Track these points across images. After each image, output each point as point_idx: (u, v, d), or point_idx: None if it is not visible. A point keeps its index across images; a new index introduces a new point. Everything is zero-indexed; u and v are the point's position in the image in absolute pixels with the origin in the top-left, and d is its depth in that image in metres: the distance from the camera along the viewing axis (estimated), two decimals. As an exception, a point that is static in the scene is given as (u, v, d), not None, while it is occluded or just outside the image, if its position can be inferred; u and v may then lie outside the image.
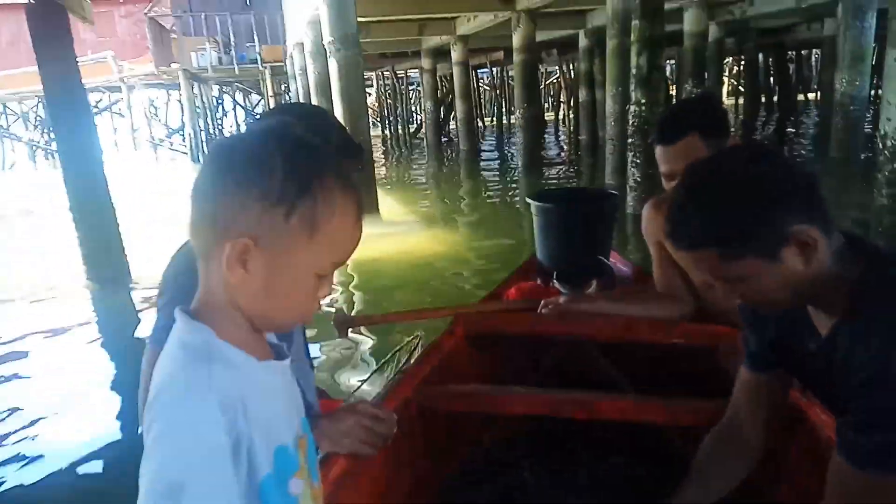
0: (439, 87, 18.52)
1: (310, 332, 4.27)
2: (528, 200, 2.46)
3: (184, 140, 20.85)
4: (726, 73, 21.39)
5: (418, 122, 22.33)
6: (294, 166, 0.66)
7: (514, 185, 10.46)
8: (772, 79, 20.39)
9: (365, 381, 3.10)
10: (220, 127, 23.02)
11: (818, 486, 1.01)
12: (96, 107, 24.61)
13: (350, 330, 2.06)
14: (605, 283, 2.20)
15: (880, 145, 3.50)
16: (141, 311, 4.84)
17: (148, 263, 5.43)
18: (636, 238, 5.66)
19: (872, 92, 10.50)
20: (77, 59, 5.15)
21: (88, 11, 6.01)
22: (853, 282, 0.94)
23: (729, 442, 1.26)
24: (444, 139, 17.71)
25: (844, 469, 0.93)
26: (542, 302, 1.92)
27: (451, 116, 18.31)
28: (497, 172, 12.26)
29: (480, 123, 22.23)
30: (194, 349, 0.67)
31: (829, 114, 9.91)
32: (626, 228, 6.05)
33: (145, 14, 20.05)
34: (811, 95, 22.91)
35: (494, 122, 23.79)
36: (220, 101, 26.21)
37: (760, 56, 19.24)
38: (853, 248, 0.97)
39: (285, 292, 0.69)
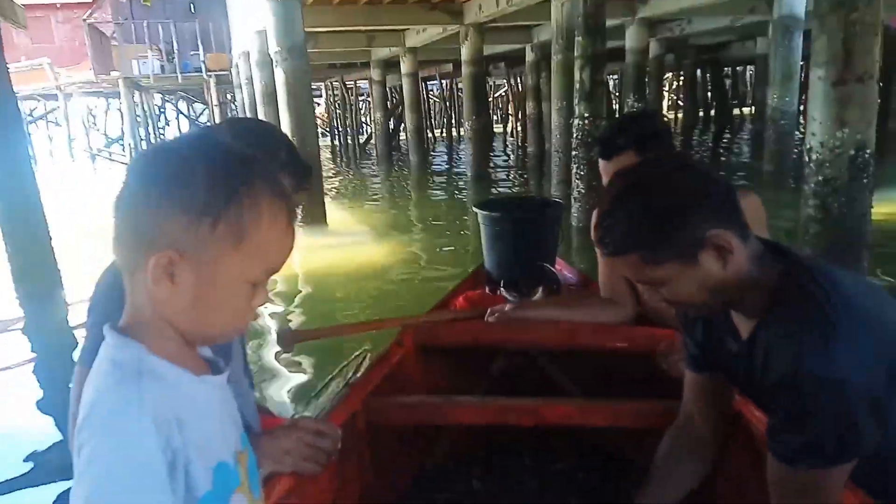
0: (389, 98, 18.51)
1: (253, 348, 4.25)
2: (475, 209, 2.48)
3: (123, 150, 20.19)
4: (666, 88, 22.15)
5: (368, 132, 22.26)
6: (217, 175, 0.65)
7: (462, 196, 10.54)
8: (709, 94, 21.20)
9: (313, 396, 3.05)
10: (161, 136, 22.37)
11: (758, 483, 1.05)
12: (31, 115, 23.60)
13: (295, 344, 2.03)
14: (551, 289, 2.24)
15: (806, 158, 3.68)
16: (75, 328, 4.64)
17: (82, 279, 5.21)
18: (581, 248, 5.80)
19: (801, 107, 11.04)
20: (7, 66, 4.93)
21: (21, 17, 5.77)
22: (771, 287, 0.99)
23: (684, 441, 1.29)
24: (393, 150, 17.69)
25: (778, 467, 0.97)
26: (489, 310, 1.94)
27: (401, 127, 18.31)
28: (446, 183, 12.32)
29: (430, 135, 22.30)
30: (124, 366, 0.65)
31: (762, 128, 10.35)
32: (570, 238, 6.17)
33: (84, 20, 19.39)
34: (746, 110, 23.93)
35: (444, 134, 23.92)
36: (162, 110, 25.50)
37: (699, 72, 20.01)
38: (773, 255, 1.03)
39: (216, 303, 0.67)
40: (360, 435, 1.51)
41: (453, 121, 23.61)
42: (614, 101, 19.89)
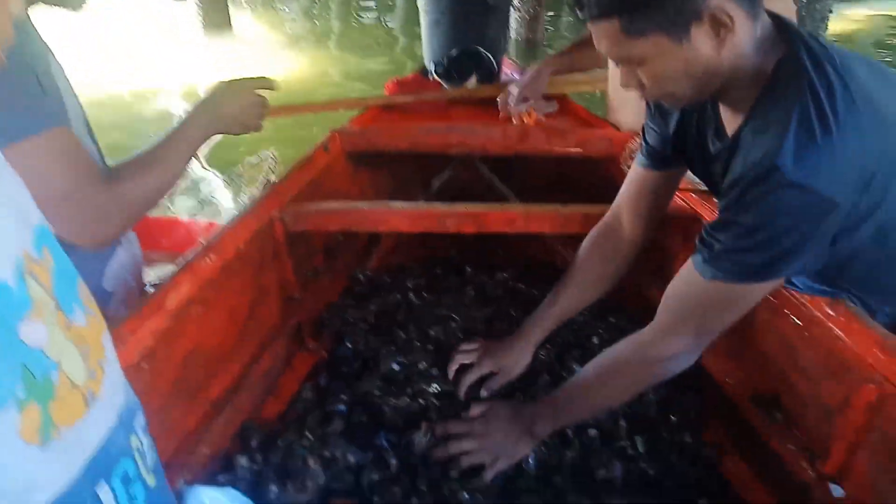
0: None
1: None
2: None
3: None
4: None
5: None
6: None
7: (390, 3, 9.66)
8: None
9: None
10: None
11: None
12: None
13: None
14: (485, 76, 2.00)
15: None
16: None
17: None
18: (522, 59, 5.44)
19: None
20: None
21: None
22: (766, 76, 0.80)
23: (606, 240, 1.20)
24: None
25: (691, 273, 0.88)
26: (503, 94, 1.77)
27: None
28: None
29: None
30: None
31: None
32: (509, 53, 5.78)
33: None
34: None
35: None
36: None
37: None
38: (780, 34, 0.81)
39: None
40: (279, 242, 1.29)
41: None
42: None
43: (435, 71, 2.04)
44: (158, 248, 1.81)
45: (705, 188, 1.15)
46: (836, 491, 0.91)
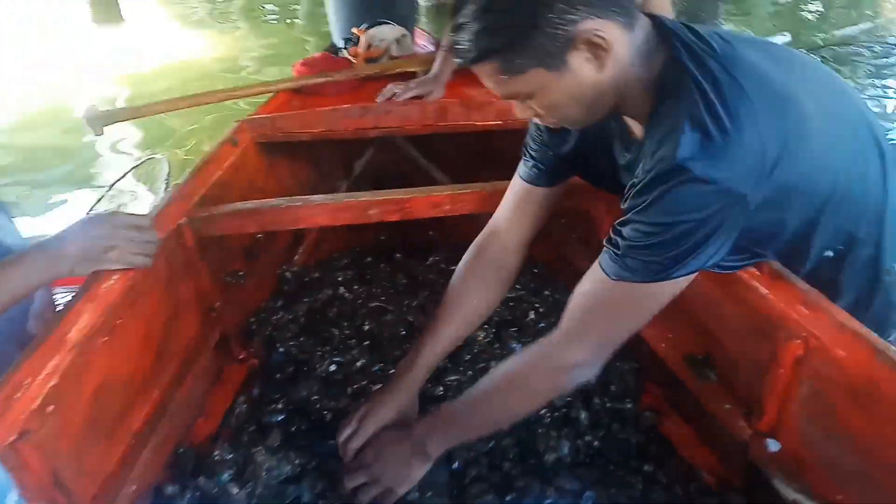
0: None
1: (50, 139, 3.59)
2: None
3: None
4: None
5: None
6: None
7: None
8: None
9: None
10: None
11: None
12: None
13: (105, 127, 1.59)
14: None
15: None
16: None
17: None
18: (434, 25, 5.33)
19: None
20: None
21: None
22: (656, 81, 0.79)
23: (487, 265, 1.10)
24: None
25: (598, 276, 0.84)
26: (384, 90, 1.66)
27: None
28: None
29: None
30: None
31: None
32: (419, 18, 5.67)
33: None
34: None
35: None
36: None
37: None
38: (660, 37, 0.79)
39: None
40: (190, 250, 1.20)
41: None
42: None
43: (344, 47, 1.95)
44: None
45: None
46: (773, 445, 0.93)
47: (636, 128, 0.87)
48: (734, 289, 0.95)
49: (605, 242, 0.84)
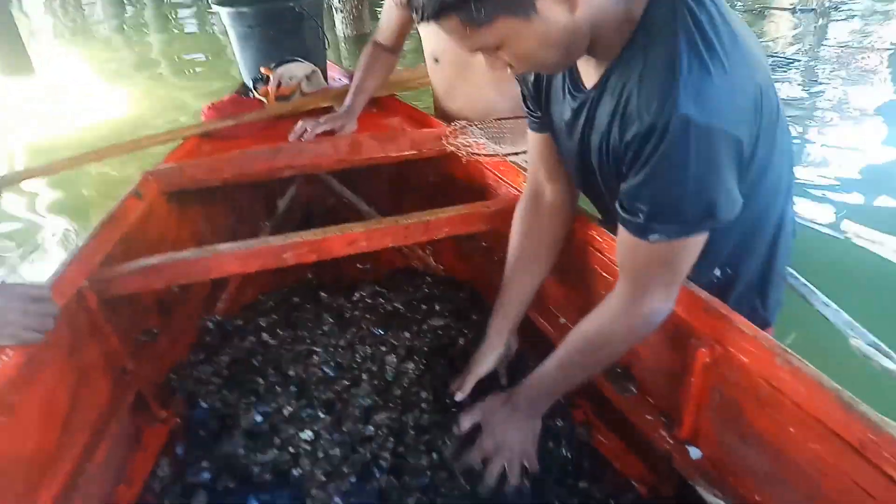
0: None
1: None
2: (216, 7, 1.98)
3: None
4: None
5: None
6: None
7: (210, 14, 9.18)
8: None
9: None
10: None
11: None
12: None
13: (2, 191, 1.51)
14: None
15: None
16: None
17: None
18: (351, 56, 5.35)
19: None
20: None
21: None
22: (634, 20, 0.77)
23: (535, 213, 1.15)
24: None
25: (630, 241, 0.83)
26: (296, 127, 1.64)
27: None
28: (189, 7, 10.64)
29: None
30: None
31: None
32: (338, 49, 5.69)
33: None
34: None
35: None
36: None
37: None
38: None
39: None
40: (94, 313, 1.14)
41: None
42: None
43: (253, 87, 1.93)
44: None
45: None
46: (694, 453, 0.95)
47: (591, 69, 0.85)
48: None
49: (619, 210, 0.82)
